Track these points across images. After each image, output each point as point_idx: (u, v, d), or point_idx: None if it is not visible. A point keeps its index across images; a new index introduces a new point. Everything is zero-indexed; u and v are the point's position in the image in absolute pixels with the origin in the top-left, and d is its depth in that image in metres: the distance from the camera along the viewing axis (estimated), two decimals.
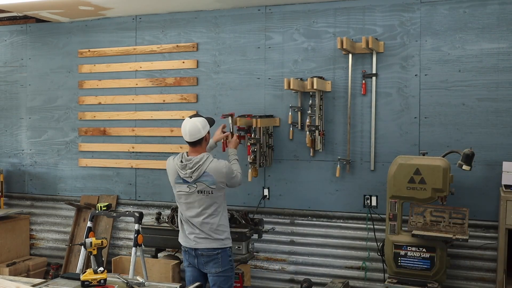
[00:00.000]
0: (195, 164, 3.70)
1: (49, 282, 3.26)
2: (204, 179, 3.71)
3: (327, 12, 4.80)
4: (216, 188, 3.75)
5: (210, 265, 3.77)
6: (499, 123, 4.32)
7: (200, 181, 3.71)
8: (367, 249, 4.69)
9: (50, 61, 5.88)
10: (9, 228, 5.68)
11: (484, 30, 4.34)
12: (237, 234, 4.46)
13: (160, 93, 5.40)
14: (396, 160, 4.09)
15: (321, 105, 4.73)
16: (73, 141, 5.80)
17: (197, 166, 3.70)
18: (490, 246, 4.36)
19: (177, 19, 5.33)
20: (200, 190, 3.72)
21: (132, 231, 5.02)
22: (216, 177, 3.73)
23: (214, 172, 3.72)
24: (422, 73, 4.52)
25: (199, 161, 3.71)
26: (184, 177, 3.73)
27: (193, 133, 3.73)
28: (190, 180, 3.71)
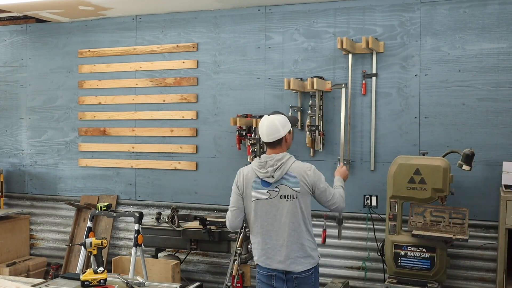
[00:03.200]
0: (277, 161, 3.14)
1: (49, 282, 3.27)
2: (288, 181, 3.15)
3: (327, 12, 4.80)
4: (300, 192, 3.15)
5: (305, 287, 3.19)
6: (499, 123, 4.32)
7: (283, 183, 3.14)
8: (367, 249, 4.69)
9: (50, 61, 5.88)
10: (9, 228, 5.68)
11: (484, 30, 4.34)
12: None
13: (160, 93, 5.40)
14: (396, 160, 4.09)
15: (321, 105, 4.73)
16: (73, 141, 5.80)
17: (281, 163, 3.14)
18: (490, 246, 4.36)
19: (177, 19, 5.33)
20: (284, 195, 3.14)
21: (132, 231, 5.02)
22: (300, 180, 3.14)
23: (298, 172, 3.16)
24: (422, 73, 4.52)
25: (282, 158, 3.16)
26: (264, 177, 3.15)
27: (271, 133, 3.16)
28: (272, 180, 3.13)
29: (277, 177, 3.13)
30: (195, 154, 5.29)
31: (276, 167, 3.13)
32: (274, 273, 3.16)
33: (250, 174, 3.21)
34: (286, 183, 3.14)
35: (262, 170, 3.15)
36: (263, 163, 3.16)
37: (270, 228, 3.16)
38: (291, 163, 3.17)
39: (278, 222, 3.14)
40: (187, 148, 5.30)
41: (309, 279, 3.21)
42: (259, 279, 3.26)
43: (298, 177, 3.14)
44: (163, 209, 5.31)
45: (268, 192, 3.15)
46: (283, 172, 3.13)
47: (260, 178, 3.16)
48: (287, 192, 3.13)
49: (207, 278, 5.26)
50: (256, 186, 3.17)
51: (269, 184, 3.15)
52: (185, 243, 4.64)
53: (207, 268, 5.29)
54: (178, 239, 4.64)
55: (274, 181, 3.13)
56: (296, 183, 3.13)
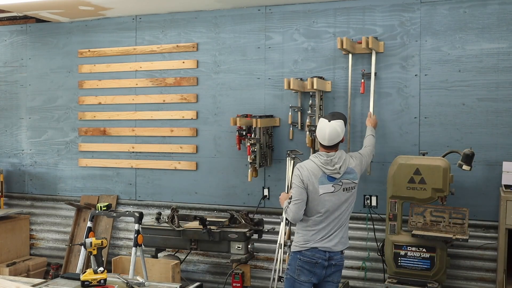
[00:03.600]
0: (340, 159, 3.52)
1: (49, 282, 3.27)
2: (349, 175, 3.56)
3: (327, 12, 4.80)
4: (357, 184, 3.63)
5: (337, 275, 3.65)
6: (499, 123, 4.32)
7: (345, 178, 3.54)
8: (367, 249, 4.69)
9: (50, 61, 5.88)
10: (9, 228, 5.68)
11: (484, 30, 4.34)
12: (237, 234, 4.47)
13: (160, 93, 5.40)
14: (396, 160, 4.09)
15: (321, 105, 4.73)
16: (73, 141, 5.80)
17: (343, 160, 3.53)
18: (490, 246, 4.36)
19: (177, 19, 5.33)
20: (346, 187, 3.54)
21: (132, 231, 5.02)
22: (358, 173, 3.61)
23: (355, 165, 3.60)
24: (422, 73, 4.52)
25: (342, 155, 3.55)
26: (331, 173, 3.50)
27: (333, 138, 3.51)
28: (338, 176, 3.50)
29: (342, 173, 3.51)
30: (195, 154, 5.29)
31: (341, 164, 3.51)
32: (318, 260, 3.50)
33: (315, 170, 3.50)
34: (347, 177, 3.54)
35: (328, 167, 3.49)
36: (329, 161, 3.50)
37: (333, 217, 3.53)
38: (348, 159, 3.58)
39: (339, 212, 3.54)
40: (187, 148, 5.30)
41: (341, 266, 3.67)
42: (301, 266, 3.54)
43: (356, 170, 3.59)
44: (163, 209, 5.31)
45: (333, 186, 3.50)
46: (345, 168, 3.53)
47: (326, 174, 3.49)
48: (349, 185, 3.55)
49: (207, 278, 5.26)
50: (323, 181, 3.49)
51: (334, 179, 3.50)
52: (185, 243, 4.64)
53: (207, 268, 5.29)
54: (178, 239, 4.64)
55: (339, 177, 3.51)
56: (355, 177, 3.58)
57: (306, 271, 3.51)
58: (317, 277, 3.53)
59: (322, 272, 3.52)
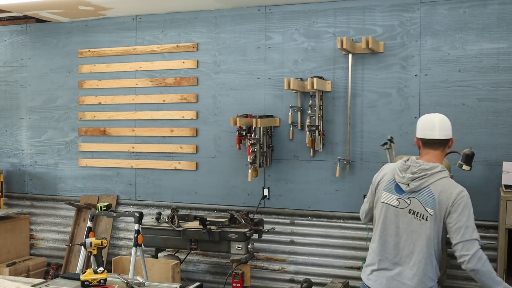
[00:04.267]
0: (422, 170, 2.67)
1: (49, 282, 3.26)
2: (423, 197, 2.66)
3: (327, 12, 4.80)
4: (434, 215, 2.63)
5: None
6: (499, 123, 4.32)
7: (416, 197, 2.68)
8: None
9: (50, 61, 5.88)
10: (9, 228, 5.68)
11: (484, 30, 4.34)
12: (237, 234, 4.47)
13: (160, 93, 5.40)
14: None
15: (321, 105, 4.73)
16: (73, 141, 5.80)
17: (425, 175, 2.66)
18: (490, 246, 4.35)
19: (177, 19, 5.33)
20: (415, 211, 2.67)
21: (132, 231, 5.02)
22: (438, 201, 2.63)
23: (440, 191, 2.64)
24: (422, 73, 4.52)
25: (429, 168, 2.68)
26: (399, 181, 2.74)
27: (444, 128, 2.76)
28: (406, 188, 2.70)
29: (412, 188, 2.67)
30: (195, 154, 5.29)
31: (417, 176, 2.66)
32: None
33: (389, 172, 2.82)
34: (419, 197, 2.66)
35: (401, 173, 2.73)
36: (407, 167, 2.72)
37: (389, 239, 2.75)
38: (437, 178, 2.66)
39: (399, 237, 2.72)
40: (187, 148, 5.30)
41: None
42: None
43: (437, 197, 2.63)
44: (163, 209, 5.31)
45: (398, 200, 2.74)
46: (422, 185, 2.66)
47: (396, 180, 2.76)
48: (418, 209, 2.66)
49: (207, 278, 5.26)
50: (389, 188, 2.78)
51: (402, 191, 2.72)
52: (185, 243, 4.64)
53: (207, 268, 5.29)
54: (178, 239, 4.64)
55: (408, 190, 2.69)
56: (432, 204, 2.63)
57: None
58: None
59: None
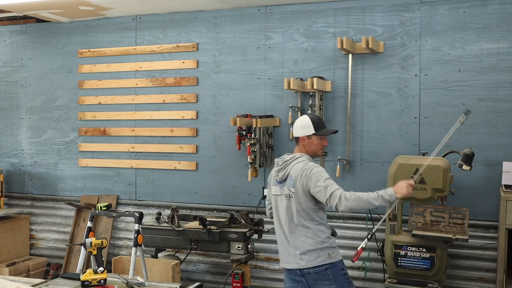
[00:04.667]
0: (285, 163, 3.31)
1: (49, 282, 3.27)
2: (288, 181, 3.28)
3: (327, 12, 4.80)
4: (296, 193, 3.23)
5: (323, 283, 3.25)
6: (499, 123, 4.32)
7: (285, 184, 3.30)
8: (367, 249, 4.68)
9: (50, 61, 5.88)
10: (9, 228, 5.68)
11: (484, 30, 4.34)
12: (237, 234, 4.47)
13: (160, 93, 5.40)
14: (396, 160, 4.09)
15: (321, 105, 4.73)
16: (73, 141, 5.80)
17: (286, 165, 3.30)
18: (490, 246, 4.36)
19: (177, 19, 5.33)
20: (286, 194, 3.29)
21: (132, 231, 5.02)
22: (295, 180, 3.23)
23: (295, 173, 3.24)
24: (422, 73, 4.52)
25: (289, 159, 3.31)
26: (275, 176, 3.37)
27: (294, 130, 3.39)
28: (278, 179, 3.33)
29: (281, 178, 3.31)
30: (195, 154, 5.29)
31: (280, 167, 3.32)
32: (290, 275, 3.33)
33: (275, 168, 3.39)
34: (287, 183, 3.29)
35: (275, 168, 3.38)
36: (277, 161, 3.36)
37: (277, 225, 3.38)
38: (294, 164, 3.26)
39: (281, 220, 3.33)
40: (187, 148, 5.30)
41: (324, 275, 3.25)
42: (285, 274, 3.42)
43: (294, 178, 3.23)
44: (163, 209, 5.31)
45: (281, 188, 3.33)
46: (286, 173, 3.29)
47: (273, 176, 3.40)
48: (286, 192, 3.29)
49: (207, 278, 5.26)
50: (275, 182, 3.38)
51: (278, 182, 3.35)
52: (185, 243, 4.64)
53: (207, 268, 5.29)
54: (178, 239, 4.64)
55: (279, 180, 3.32)
56: (292, 184, 3.25)
57: (288, 279, 3.38)
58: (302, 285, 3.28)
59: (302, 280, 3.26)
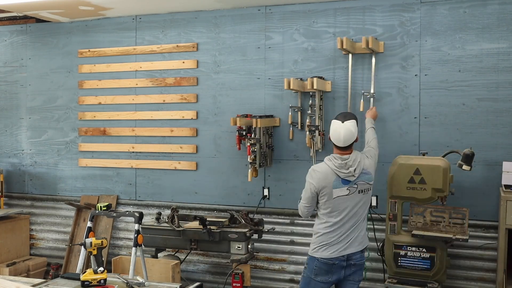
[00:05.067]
0: (355, 161, 3.50)
1: (49, 282, 3.27)
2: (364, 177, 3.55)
3: (327, 12, 4.80)
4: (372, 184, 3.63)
5: (359, 274, 3.61)
6: (499, 123, 4.32)
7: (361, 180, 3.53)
8: (367, 249, 4.68)
9: (50, 61, 5.88)
10: (9, 228, 5.68)
11: (484, 30, 4.34)
12: (237, 234, 4.47)
13: (160, 93, 5.40)
14: (396, 160, 4.09)
15: (321, 105, 4.73)
16: (73, 141, 5.80)
17: (357, 163, 3.51)
18: (490, 246, 4.36)
19: (177, 19, 5.33)
20: (361, 189, 3.54)
21: (132, 231, 5.02)
22: (373, 173, 3.62)
23: (369, 166, 3.60)
24: (422, 73, 4.52)
25: (356, 157, 3.53)
26: (345, 177, 3.49)
27: (348, 139, 3.51)
28: (353, 178, 3.49)
29: (357, 175, 3.51)
30: (195, 154, 5.29)
31: (355, 167, 3.49)
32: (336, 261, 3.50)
33: (329, 173, 3.49)
34: (363, 178, 3.53)
35: (343, 170, 3.48)
36: (343, 164, 3.48)
37: (350, 220, 3.52)
38: (363, 160, 3.57)
39: (356, 214, 3.53)
40: (187, 148, 5.31)
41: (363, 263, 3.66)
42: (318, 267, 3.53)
43: (371, 171, 3.59)
44: (163, 209, 5.31)
45: (348, 189, 3.50)
46: (361, 170, 3.52)
47: (341, 177, 3.49)
48: (364, 187, 3.55)
49: (207, 278, 5.26)
50: (337, 185, 3.49)
51: (349, 182, 3.50)
52: (185, 243, 4.64)
53: (207, 268, 5.29)
54: (178, 239, 4.64)
55: (354, 179, 3.50)
56: (371, 178, 3.58)
57: (323, 271, 3.52)
58: (336, 276, 3.53)
59: (341, 272, 3.52)
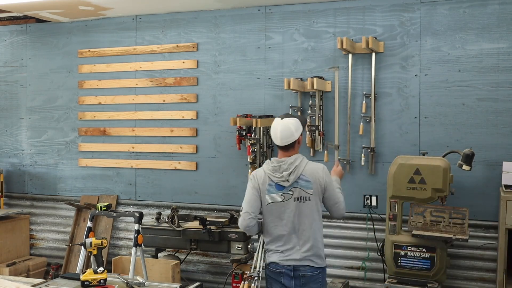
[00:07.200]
0: (291, 165, 3.21)
1: (49, 282, 3.27)
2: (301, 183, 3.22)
3: (327, 12, 4.80)
4: (313, 194, 3.23)
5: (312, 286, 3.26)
6: (499, 123, 4.33)
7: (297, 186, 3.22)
8: (367, 249, 4.69)
9: (50, 61, 5.88)
10: (9, 228, 5.68)
11: (484, 30, 4.34)
12: (237, 234, 4.47)
13: (160, 93, 5.40)
14: (396, 160, 4.09)
15: (321, 105, 4.73)
16: (73, 141, 5.80)
17: (294, 167, 3.21)
18: (490, 246, 4.36)
19: (177, 19, 5.33)
20: (297, 197, 3.22)
21: (132, 231, 5.02)
22: (313, 182, 3.23)
23: (311, 174, 3.23)
24: (422, 73, 4.52)
25: (295, 161, 3.23)
26: (279, 181, 3.22)
27: (285, 137, 3.22)
28: (287, 184, 3.21)
29: (292, 181, 3.20)
30: (195, 154, 5.29)
31: (290, 171, 3.20)
32: (283, 269, 3.25)
33: (264, 178, 3.26)
34: (300, 185, 3.21)
35: (276, 174, 3.23)
36: (277, 167, 3.23)
37: (290, 229, 3.24)
38: (304, 166, 3.24)
39: (291, 223, 3.23)
40: (187, 148, 5.31)
41: (316, 278, 3.27)
42: (268, 275, 3.35)
43: (311, 179, 3.22)
44: (163, 209, 5.31)
45: (282, 195, 3.23)
46: (297, 175, 3.21)
47: (274, 182, 3.23)
48: (301, 194, 3.22)
49: (207, 278, 5.26)
50: (270, 190, 3.24)
51: (283, 187, 3.23)
52: (185, 243, 4.65)
53: (207, 268, 5.29)
54: (178, 239, 4.64)
55: (289, 185, 3.21)
56: (309, 186, 3.21)
57: (273, 280, 3.31)
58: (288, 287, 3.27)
59: (290, 282, 3.24)
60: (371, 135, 4.62)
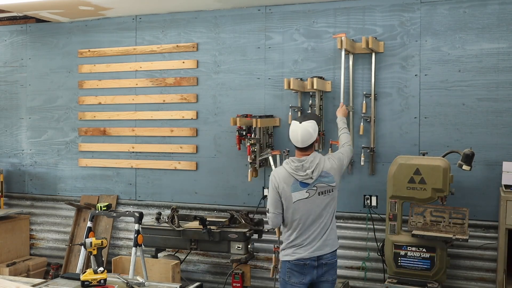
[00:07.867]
0: (312, 163, 3.44)
1: (49, 282, 3.27)
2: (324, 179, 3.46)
3: (327, 12, 4.80)
4: (336, 182, 3.52)
5: (331, 273, 3.51)
6: (499, 123, 4.33)
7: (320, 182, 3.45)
8: (367, 249, 4.69)
9: (50, 61, 5.88)
10: (9, 228, 5.68)
11: (484, 30, 4.34)
12: (237, 234, 4.47)
13: (160, 93, 5.40)
14: (396, 160, 4.09)
15: (321, 105, 4.73)
16: (73, 141, 5.80)
17: (315, 165, 3.44)
18: (490, 246, 4.36)
19: (177, 19, 5.33)
20: (321, 191, 3.46)
21: (132, 231, 5.02)
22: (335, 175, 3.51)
23: (330, 168, 3.49)
24: (422, 73, 4.52)
25: (314, 159, 3.46)
26: (303, 179, 3.43)
27: (306, 140, 3.44)
28: (311, 181, 3.43)
29: (315, 177, 3.43)
30: (195, 154, 5.29)
31: (313, 168, 3.43)
32: (307, 261, 3.44)
33: (287, 177, 3.45)
34: (322, 181, 3.45)
35: (300, 172, 3.43)
36: (299, 166, 3.43)
37: (314, 223, 3.46)
38: (323, 162, 3.48)
39: (320, 217, 3.46)
40: (187, 148, 5.31)
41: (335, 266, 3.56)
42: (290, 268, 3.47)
43: (332, 172, 3.48)
44: (163, 209, 5.31)
45: (307, 191, 3.43)
46: (320, 171, 3.44)
47: (298, 180, 3.43)
48: (324, 188, 3.46)
49: (207, 278, 5.26)
50: (295, 188, 3.44)
51: (307, 184, 3.43)
52: (185, 243, 4.65)
53: (207, 268, 5.29)
54: (178, 239, 4.64)
55: (312, 181, 3.43)
56: (332, 180, 3.48)
57: (296, 273, 3.46)
58: (310, 277, 3.45)
59: (313, 272, 3.44)
60: (371, 135, 4.63)
